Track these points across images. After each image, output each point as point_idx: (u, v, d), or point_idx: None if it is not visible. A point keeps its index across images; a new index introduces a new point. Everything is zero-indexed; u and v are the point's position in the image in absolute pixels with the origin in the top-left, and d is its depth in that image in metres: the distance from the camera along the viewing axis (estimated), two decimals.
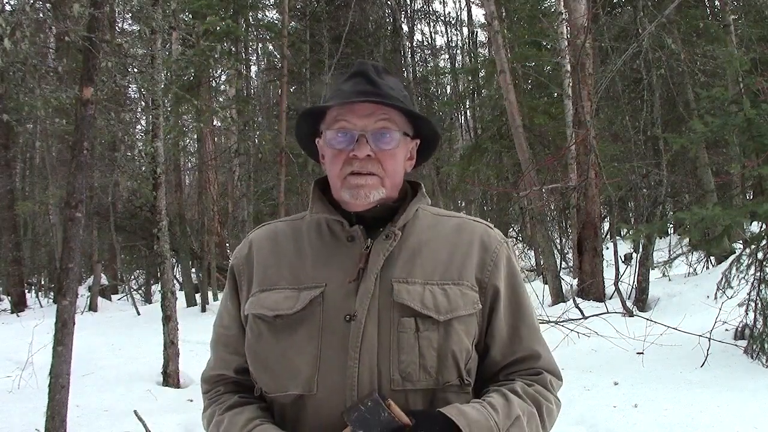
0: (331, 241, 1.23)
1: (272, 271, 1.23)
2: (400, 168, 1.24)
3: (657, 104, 8.94)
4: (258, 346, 1.19)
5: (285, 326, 1.17)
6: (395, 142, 1.21)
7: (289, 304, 1.17)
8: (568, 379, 5.60)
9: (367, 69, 1.23)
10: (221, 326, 1.30)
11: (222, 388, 1.27)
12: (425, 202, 1.28)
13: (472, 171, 13.63)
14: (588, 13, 9.52)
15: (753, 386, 4.64)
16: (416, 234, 1.23)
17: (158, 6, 6.27)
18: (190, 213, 17.47)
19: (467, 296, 1.18)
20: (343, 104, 1.20)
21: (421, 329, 1.14)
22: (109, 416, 4.89)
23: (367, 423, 1.05)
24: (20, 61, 4.87)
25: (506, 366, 1.24)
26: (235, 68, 13.12)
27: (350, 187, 1.19)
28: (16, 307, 14.23)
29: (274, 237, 1.29)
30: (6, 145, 14.64)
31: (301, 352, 1.14)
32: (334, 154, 1.21)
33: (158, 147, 6.37)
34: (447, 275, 1.19)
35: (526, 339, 1.24)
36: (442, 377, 1.14)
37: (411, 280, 1.17)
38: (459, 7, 33.69)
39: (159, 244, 6.34)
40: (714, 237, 7.00)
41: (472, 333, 1.18)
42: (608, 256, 10.17)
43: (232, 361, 1.26)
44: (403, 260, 1.19)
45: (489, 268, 1.23)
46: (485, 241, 1.25)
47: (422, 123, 1.27)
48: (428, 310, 1.14)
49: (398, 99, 1.21)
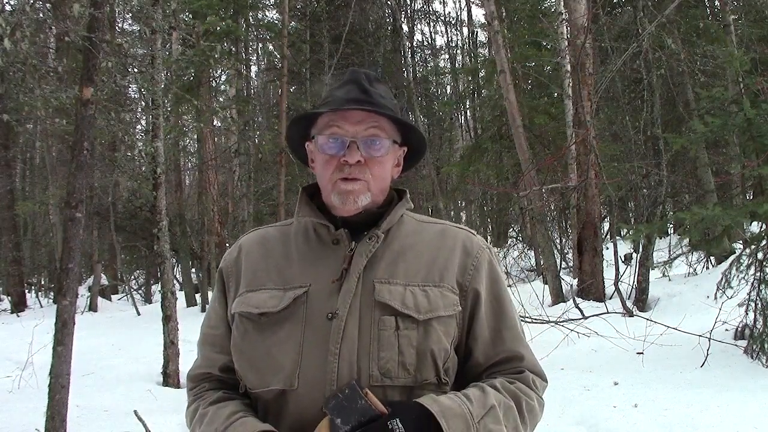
0: (317, 245, 1.28)
1: (260, 272, 1.28)
2: (387, 174, 1.29)
3: (657, 104, 8.93)
4: (243, 343, 1.22)
5: (270, 324, 1.20)
6: (384, 150, 1.25)
7: (274, 302, 1.21)
8: (568, 379, 5.60)
9: (360, 77, 1.27)
10: (208, 326, 1.34)
11: (207, 385, 1.31)
12: (409, 208, 1.33)
13: (472, 171, 13.62)
14: (588, 13, 9.52)
15: (753, 386, 4.64)
16: (400, 238, 1.28)
17: (158, 6, 6.27)
18: (190, 213, 17.48)
19: (447, 298, 1.22)
20: (335, 111, 1.23)
21: (401, 328, 1.17)
22: (109, 416, 4.89)
23: (345, 410, 1.07)
24: (20, 61, 4.87)
25: (489, 367, 1.27)
26: (235, 68, 13.12)
27: (340, 192, 1.23)
28: (16, 307, 14.23)
29: (263, 241, 1.34)
30: (6, 145, 14.64)
31: (283, 348, 1.18)
32: (325, 159, 1.25)
33: (158, 147, 6.37)
34: (428, 278, 1.23)
35: (508, 341, 1.27)
36: (420, 375, 1.17)
37: (393, 281, 1.21)
38: (459, 7, 33.76)
39: (159, 244, 6.35)
40: (714, 237, 7.01)
41: (451, 334, 1.21)
42: (608, 256, 10.16)
43: (218, 360, 1.29)
44: (386, 262, 1.24)
45: (470, 272, 1.26)
46: (467, 246, 1.29)
47: (411, 131, 1.31)
48: (408, 310, 1.18)
49: (389, 107, 1.26)
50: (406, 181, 18.68)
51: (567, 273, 12.00)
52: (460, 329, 1.24)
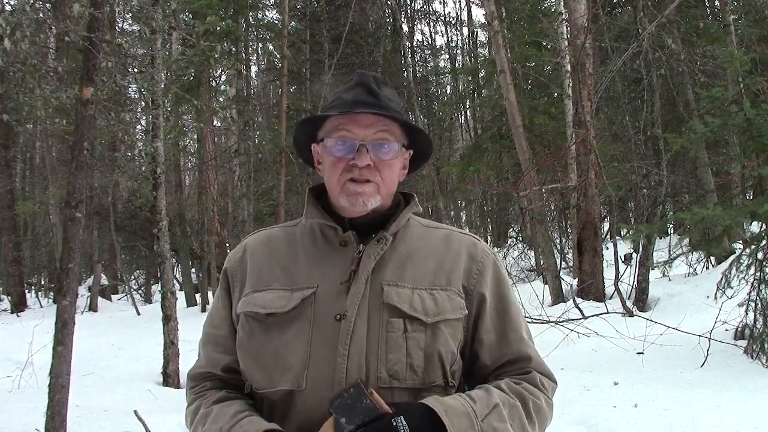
0: (324, 246, 1.28)
1: (266, 273, 1.28)
2: (395, 178, 1.29)
3: (657, 104, 8.94)
4: (250, 343, 1.22)
5: (277, 324, 1.20)
6: (393, 153, 1.26)
7: (281, 303, 1.21)
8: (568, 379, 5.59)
9: (368, 80, 1.28)
10: (211, 326, 1.34)
11: (208, 384, 1.30)
12: (417, 212, 1.34)
13: (472, 171, 13.60)
14: (588, 13, 9.52)
15: (753, 386, 4.64)
16: (407, 242, 1.29)
17: (158, 6, 6.27)
18: (190, 213, 17.48)
19: (454, 301, 1.23)
20: (345, 114, 1.23)
21: (409, 330, 1.18)
22: (109, 416, 4.89)
23: (349, 409, 1.08)
24: (20, 61, 4.87)
25: (496, 369, 1.27)
26: (235, 68, 13.11)
27: (349, 194, 1.23)
28: (16, 307, 14.24)
29: (268, 242, 1.34)
30: (6, 145, 14.64)
31: (292, 348, 1.18)
32: (333, 161, 1.25)
33: (158, 147, 6.37)
34: (435, 282, 1.24)
35: (514, 343, 1.27)
36: (428, 377, 1.17)
37: (401, 284, 1.22)
38: (459, 7, 33.74)
39: (159, 244, 6.35)
40: (714, 237, 7.01)
41: (457, 337, 1.22)
42: (608, 256, 10.16)
43: (221, 360, 1.29)
44: (394, 265, 1.24)
45: (475, 276, 1.27)
46: (472, 252, 1.30)
47: (418, 135, 1.32)
48: (416, 312, 1.19)
49: (397, 111, 1.26)
50: (406, 181, 18.61)
51: (567, 273, 12.00)
52: (465, 332, 1.25)
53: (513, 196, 14.09)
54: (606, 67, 10.06)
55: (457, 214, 21.14)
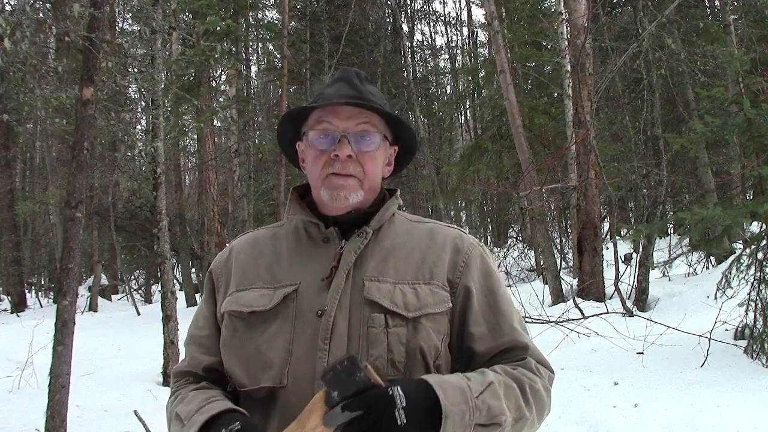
0: (307, 243, 1.28)
1: (250, 272, 1.28)
2: (378, 171, 1.28)
3: (657, 104, 8.95)
4: (233, 342, 1.22)
5: (259, 322, 1.20)
6: (375, 145, 1.25)
7: (264, 301, 1.21)
8: (568, 379, 5.58)
9: (350, 75, 1.28)
10: (195, 327, 1.34)
11: (191, 379, 1.31)
12: (398, 205, 1.33)
13: (472, 171, 13.61)
14: (588, 13, 9.52)
15: (753, 386, 4.64)
16: (391, 237, 1.28)
17: (158, 6, 6.27)
18: (190, 213, 17.48)
19: (437, 295, 1.21)
20: (325, 106, 1.23)
21: (390, 325, 1.16)
22: (109, 416, 4.89)
23: (342, 383, 1.04)
24: (20, 61, 4.87)
25: (492, 358, 1.25)
26: (235, 68, 13.12)
27: (330, 187, 1.23)
28: (16, 307, 14.25)
29: (254, 242, 1.34)
30: (6, 145, 14.65)
31: (273, 346, 1.18)
32: (315, 154, 1.25)
33: (158, 147, 6.37)
34: (418, 275, 1.23)
35: (508, 333, 1.25)
36: (410, 372, 1.16)
37: (382, 279, 1.21)
38: (459, 7, 33.78)
39: (159, 244, 6.35)
40: (714, 237, 7.02)
41: (442, 331, 1.21)
42: (608, 256, 10.16)
43: (203, 361, 1.30)
44: (376, 260, 1.23)
45: (460, 269, 1.25)
46: (458, 244, 1.28)
47: (402, 128, 1.31)
48: (397, 308, 1.17)
49: (379, 104, 1.26)
50: (406, 181, 18.68)
51: (567, 273, 12.00)
52: (451, 326, 1.23)
53: (513, 196, 14.09)
54: (606, 67, 10.07)
55: (457, 214, 21.14)
